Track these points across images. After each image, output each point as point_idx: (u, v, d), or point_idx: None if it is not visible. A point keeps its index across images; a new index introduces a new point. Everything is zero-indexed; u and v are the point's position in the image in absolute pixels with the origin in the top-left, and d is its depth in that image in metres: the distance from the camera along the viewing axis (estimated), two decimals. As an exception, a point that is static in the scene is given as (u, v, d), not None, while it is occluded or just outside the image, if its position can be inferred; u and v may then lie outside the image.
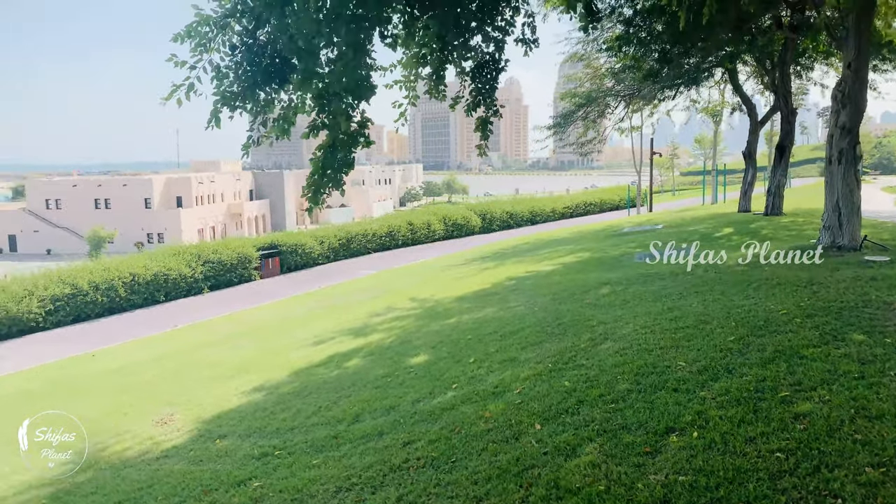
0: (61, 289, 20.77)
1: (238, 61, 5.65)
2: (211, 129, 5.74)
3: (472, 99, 6.93)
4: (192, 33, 5.57)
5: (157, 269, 23.17)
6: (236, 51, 5.65)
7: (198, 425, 7.34)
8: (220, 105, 5.66)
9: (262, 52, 5.72)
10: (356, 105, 5.64)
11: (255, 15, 5.66)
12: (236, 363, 10.36)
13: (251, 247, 27.38)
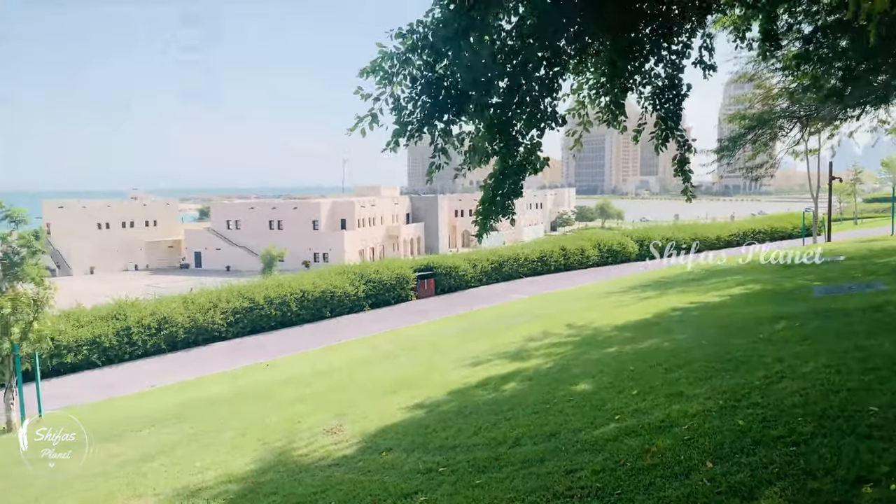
0: (241, 302, 22.72)
1: (417, 93, 5.99)
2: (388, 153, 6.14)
3: (660, 131, 6.78)
4: (377, 68, 5.99)
5: (325, 286, 24.70)
6: (416, 83, 5.99)
7: (364, 437, 7.71)
8: (399, 134, 6.03)
9: (439, 84, 6.02)
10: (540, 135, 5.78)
11: (435, 49, 5.98)
12: (397, 379, 10.77)
13: (409, 268, 28.41)
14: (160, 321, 20.62)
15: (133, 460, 8.25)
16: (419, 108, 5.95)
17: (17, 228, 13.60)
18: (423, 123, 5.96)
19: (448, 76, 6.12)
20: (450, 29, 5.90)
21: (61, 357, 18.29)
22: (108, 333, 19.42)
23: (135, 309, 20.82)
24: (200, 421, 9.96)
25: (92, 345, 19.06)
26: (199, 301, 22.11)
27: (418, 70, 6.06)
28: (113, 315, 20.28)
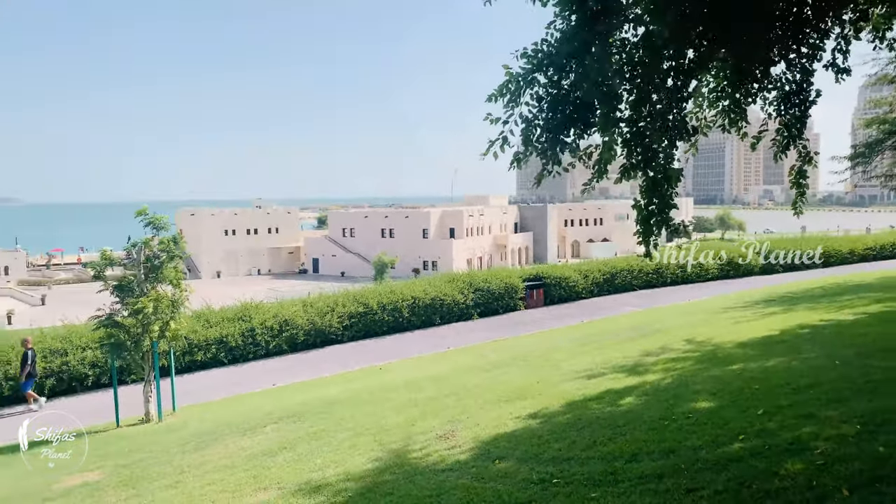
0: (356, 307, 23.49)
1: (544, 111, 6.03)
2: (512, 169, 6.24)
3: (781, 138, 6.49)
4: (504, 91, 6.09)
5: (435, 294, 25.11)
6: (542, 102, 6.04)
7: (477, 444, 7.79)
8: (528, 153, 6.13)
9: (565, 100, 6.04)
10: (671, 145, 5.69)
11: (559, 66, 6.00)
12: (509, 388, 10.80)
13: (517, 277, 28.34)
14: (282, 323, 21.67)
15: (258, 454, 8.73)
16: (546, 126, 5.99)
17: (159, 234, 14.75)
18: (551, 140, 6.00)
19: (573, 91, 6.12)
20: (573, 44, 5.91)
21: (193, 355, 19.62)
22: (234, 334, 20.63)
23: (258, 311, 21.99)
24: (319, 420, 10.39)
25: (220, 344, 20.32)
26: (317, 305, 23.07)
27: (544, 88, 6.10)
28: (239, 317, 21.51)
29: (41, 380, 17.40)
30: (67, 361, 17.98)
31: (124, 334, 13.85)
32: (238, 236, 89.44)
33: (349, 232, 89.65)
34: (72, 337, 18.76)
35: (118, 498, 7.61)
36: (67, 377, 17.91)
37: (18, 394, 17.06)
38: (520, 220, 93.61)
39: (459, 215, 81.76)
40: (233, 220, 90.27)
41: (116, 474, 8.88)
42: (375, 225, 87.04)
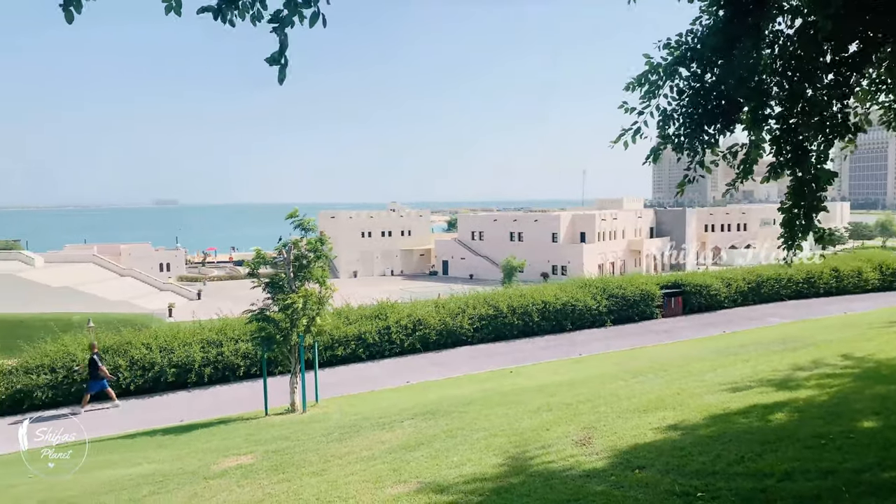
0: (486, 309, 23.69)
1: (684, 105, 5.86)
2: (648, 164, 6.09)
3: None
4: (643, 81, 5.98)
5: (566, 299, 24.82)
6: (683, 95, 5.87)
7: (615, 452, 7.64)
8: (662, 146, 5.96)
9: (707, 95, 5.83)
10: (829, 145, 5.35)
11: (704, 59, 5.81)
12: (647, 398, 10.49)
13: (654, 284, 27.41)
14: (415, 323, 22.28)
15: (397, 448, 9.05)
16: (686, 120, 5.82)
17: (306, 235, 15.65)
18: (690, 136, 5.82)
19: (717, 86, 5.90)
20: (720, 37, 5.69)
21: (333, 350, 20.62)
22: (371, 331, 21.47)
23: (394, 310, 22.74)
24: (454, 419, 10.60)
25: (358, 340, 21.21)
26: (449, 306, 23.50)
27: (685, 81, 5.93)
28: (375, 315, 22.36)
29: (201, 368, 18.96)
30: (222, 352, 19.45)
31: (274, 328, 14.81)
32: (373, 238, 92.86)
33: (478, 235, 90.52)
34: (226, 329, 20.28)
35: (270, 481, 8.14)
36: (222, 366, 19.38)
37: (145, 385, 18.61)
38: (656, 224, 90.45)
39: (591, 219, 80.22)
40: (368, 222, 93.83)
41: (267, 459, 9.51)
42: (504, 228, 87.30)
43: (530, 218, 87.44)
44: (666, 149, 6.14)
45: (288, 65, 4.48)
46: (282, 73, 4.46)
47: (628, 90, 6.02)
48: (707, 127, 5.87)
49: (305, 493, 7.31)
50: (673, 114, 5.88)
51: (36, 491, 9.29)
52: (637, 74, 6.13)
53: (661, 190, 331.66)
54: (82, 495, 8.50)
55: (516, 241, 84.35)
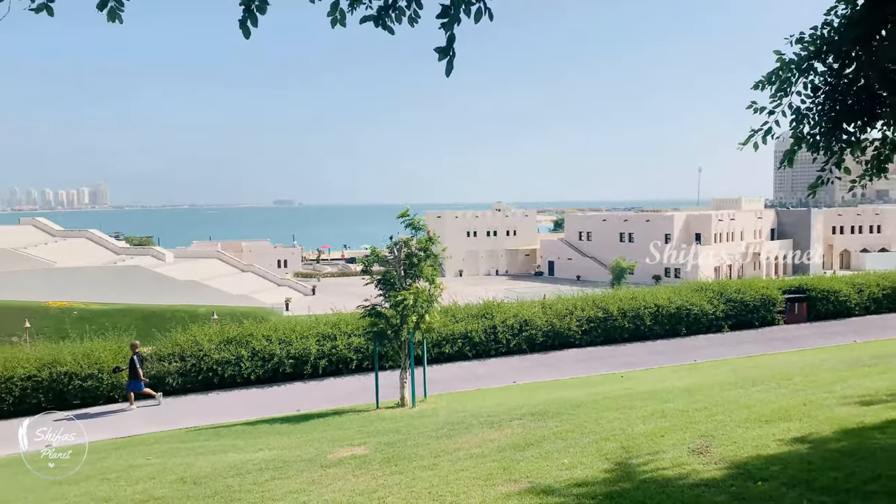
0: (595, 311, 23.28)
1: (820, 102, 5.53)
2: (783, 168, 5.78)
3: None
4: (773, 79, 5.69)
5: (680, 302, 23.97)
6: (818, 92, 5.55)
7: (734, 463, 7.33)
8: (797, 147, 5.65)
9: (846, 90, 5.48)
10: None
11: (841, 52, 5.46)
12: (769, 408, 9.98)
13: (776, 289, 25.96)
14: (521, 323, 22.23)
15: (506, 447, 9.08)
16: (822, 118, 5.49)
17: (416, 235, 15.98)
18: (827, 135, 5.48)
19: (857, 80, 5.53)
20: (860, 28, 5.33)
21: (441, 347, 20.94)
22: (477, 330, 21.62)
23: (500, 310, 22.79)
24: (563, 421, 10.51)
25: (465, 339, 21.43)
26: (556, 307, 23.28)
27: (821, 77, 5.59)
28: (482, 314, 22.50)
29: (316, 360, 19.78)
30: (336, 346, 20.21)
31: (385, 324, 15.24)
32: (478, 238, 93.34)
33: (586, 235, 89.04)
34: (340, 324, 21.05)
35: (383, 472, 8.39)
36: (335, 359, 20.14)
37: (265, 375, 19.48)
38: (777, 225, 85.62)
39: (707, 220, 76.99)
40: (474, 222, 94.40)
41: (380, 451, 9.80)
42: (613, 229, 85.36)
43: (641, 218, 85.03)
44: (801, 150, 5.83)
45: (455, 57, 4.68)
46: (449, 66, 4.67)
47: (757, 89, 5.75)
48: (846, 125, 5.51)
49: (417, 487, 7.48)
50: (807, 112, 5.56)
51: (168, 470, 10.02)
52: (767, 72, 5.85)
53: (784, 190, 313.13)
54: (213, 476, 9.10)
55: (626, 241, 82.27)
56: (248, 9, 4.91)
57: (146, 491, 8.59)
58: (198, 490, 8.33)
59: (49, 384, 17.94)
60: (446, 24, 4.70)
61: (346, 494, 7.47)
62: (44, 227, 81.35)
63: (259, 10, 4.94)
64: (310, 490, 7.81)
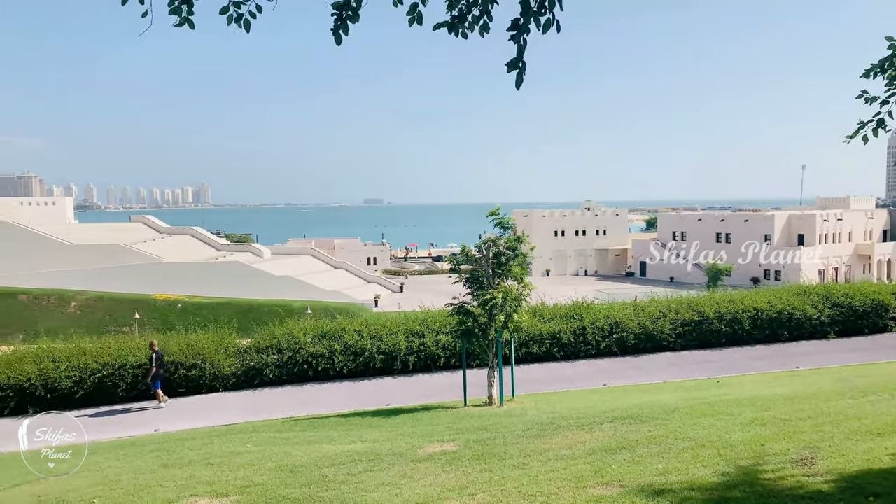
0: (689, 314, 22.52)
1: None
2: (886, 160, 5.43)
3: None
4: (887, 66, 5.35)
5: (781, 306, 22.85)
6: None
7: (842, 476, 6.94)
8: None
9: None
10: None
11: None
12: (883, 420, 9.37)
13: (889, 293, 24.32)
14: (612, 325, 21.80)
15: (597, 450, 8.94)
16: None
17: (505, 234, 15.97)
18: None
19: None
20: None
21: (528, 347, 20.83)
22: (566, 331, 21.37)
23: (589, 311, 22.43)
24: (657, 425, 10.25)
25: (553, 339, 21.23)
26: (648, 309, 22.69)
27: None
28: (570, 315, 22.21)
29: (405, 356, 20.11)
30: (424, 342, 20.47)
31: (473, 322, 15.31)
32: (567, 237, 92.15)
33: (680, 235, 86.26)
34: (428, 321, 21.31)
35: (472, 469, 8.45)
36: (424, 356, 20.41)
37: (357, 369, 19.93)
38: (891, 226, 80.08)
39: (811, 220, 72.96)
40: (562, 221, 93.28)
41: (469, 448, 9.87)
42: (709, 229, 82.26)
43: (739, 218, 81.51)
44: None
45: (525, 70, 4.70)
46: (519, 79, 4.71)
47: (868, 77, 5.41)
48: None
49: (507, 485, 7.49)
50: None
51: (267, 458, 10.46)
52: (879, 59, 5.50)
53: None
54: (309, 465, 9.44)
55: (723, 242, 79.14)
56: (340, 17, 5.10)
57: (247, 477, 9.00)
58: (295, 478, 8.66)
59: (158, 372, 19.05)
60: (515, 37, 4.72)
61: (437, 489, 7.58)
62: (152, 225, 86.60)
63: (351, 20, 5.13)
64: (401, 483, 7.97)
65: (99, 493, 8.72)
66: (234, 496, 8.00)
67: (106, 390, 18.64)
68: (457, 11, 4.96)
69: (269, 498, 7.76)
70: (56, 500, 8.62)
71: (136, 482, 9.32)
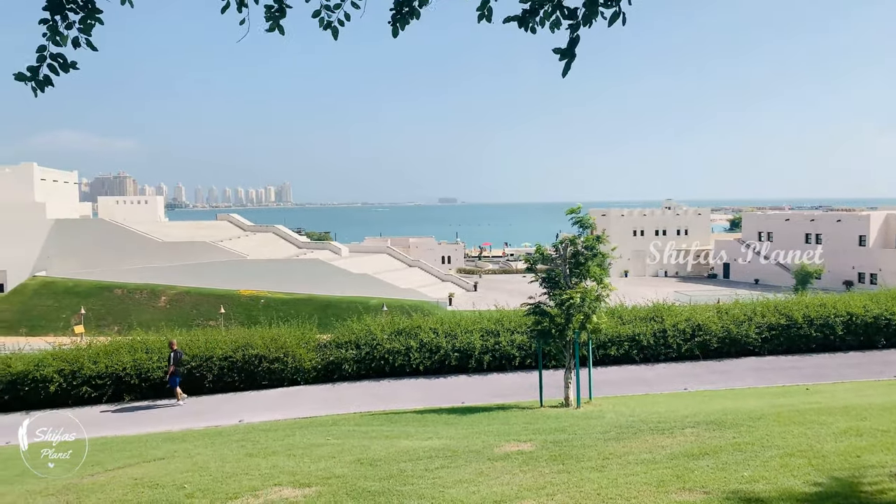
0: (777, 318, 21.61)
1: None
2: None
3: None
4: None
5: (879, 311, 21.62)
6: None
7: (949, 493, 6.51)
8: None
9: None
10: None
11: None
12: None
13: None
14: (694, 328, 21.17)
15: (679, 455, 8.71)
16: None
17: (584, 233, 15.76)
18: None
19: None
20: None
21: (606, 349, 20.48)
22: (645, 333, 20.89)
23: (670, 313, 21.86)
24: (742, 432, 9.89)
25: (632, 341, 20.79)
26: (732, 312, 21.92)
27: None
28: (650, 317, 21.70)
29: (480, 355, 20.15)
30: (499, 342, 20.46)
31: (550, 322, 15.18)
32: (646, 237, 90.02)
33: (766, 236, 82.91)
34: (503, 320, 21.28)
35: (550, 470, 8.39)
36: (499, 355, 20.39)
37: (432, 367, 20.04)
38: None
39: (911, 220, 68.65)
40: (641, 220, 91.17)
41: (546, 448, 9.80)
42: (798, 229, 78.69)
43: (831, 218, 77.50)
44: None
45: (575, 59, 4.69)
46: (567, 67, 4.70)
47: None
48: None
49: (586, 487, 7.40)
50: None
51: (346, 450, 10.70)
52: None
53: None
54: (387, 459, 9.60)
55: (812, 243, 75.50)
56: (399, 12, 5.19)
57: (328, 469, 9.24)
58: (374, 471, 8.83)
59: (242, 365, 19.82)
60: (573, 26, 4.70)
61: (514, 488, 7.57)
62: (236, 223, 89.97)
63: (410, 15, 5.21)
64: (478, 481, 8.00)
65: (189, 479, 9.14)
66: (316, 487, 8.23)
67: (194, 381, 19.51)
68: (528, 5, 4.96)
69: (349, 490, 7.94)
70: (151, 483, 9.08)
71: (224, 469, 9.72)
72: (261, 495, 8.05)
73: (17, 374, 18.88)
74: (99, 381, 19.00)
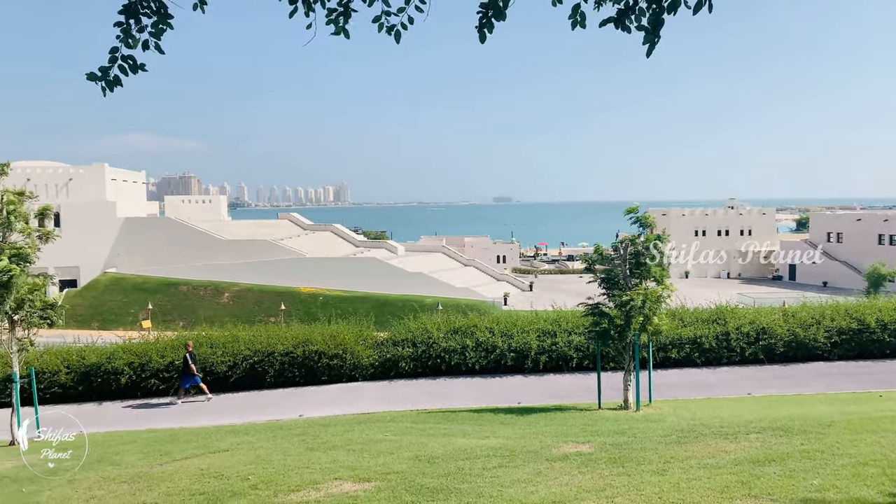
0: (847, 322, 20.79)
1: None
2: None
3: None
4: None
5: (959, 316, 20.53)
6: None
7: None
8: None
9: None
10: None
11: None
12: None
13: None
14: (758, 331, 20.54)
15: (743, 461, 8.49)
16: None
17: (643, 232, 15.49)
18: None
19: None
20: None
21: (667, 352, 20.07)
22: (707, 336, 20.38)
23: (733, 315, 21.27)
24: (810, 439, 9.56)
25: (693, 344, 20.31)
26: (800, 315, 21.18)
27: None
28: (713, 319, 21.16)
29: (536, 355, 20.03)
30: (556, 342, 20.28)
31: (609, 324, 14.99)
32: (708, 237, 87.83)
33: (835, 237, 79.80)
34: (560, 321, 21.10)
35: (609, 472, 8.30)
36: (555, 356, 20.22)
37: (488, 366, 19.99)
38: None
39: None
40: (703, 220, 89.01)
41: (605, 450, 9.69)
42: (870, 230, 75.48)
43: (906, 218, 74.00)
44: None
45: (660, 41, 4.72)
46: (651, 48, 4.72)
47: None
48: None
49: (646, 490, 7.30)
50: None
51: (404, 447, 10.80)
52: None
53: None
54: (445, 457, 9.67)
55: (885, 244, 72.30)
56: (485, 16, 5.17)
57: (387, 464, 9.36)
58: (432, 468, 8.90)
59: (302, 360, 20.23)
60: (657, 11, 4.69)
61: (573, 489, 7.51)
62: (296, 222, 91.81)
63: (496, 17, 5.18)
64: (537, 481, 7.97)
65: (253, 471, 9.39)
66: (376, 482, 8.35)
67: (256, 376, 20.03)
68: (623, 4, 4.92)
69: (408, 486, 8.03)
70: (216, 474, 9.38)
71: (286, 462, 9.96)
72: (322, 488, 8.21)
73: (91, 366, 19.73)
74: (166, 374, 19.69)
